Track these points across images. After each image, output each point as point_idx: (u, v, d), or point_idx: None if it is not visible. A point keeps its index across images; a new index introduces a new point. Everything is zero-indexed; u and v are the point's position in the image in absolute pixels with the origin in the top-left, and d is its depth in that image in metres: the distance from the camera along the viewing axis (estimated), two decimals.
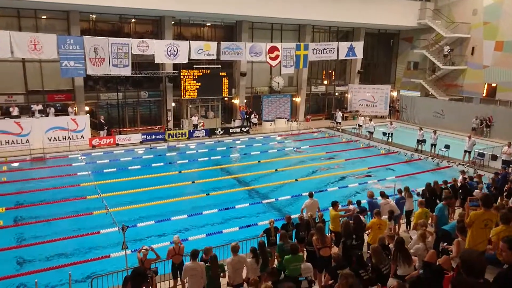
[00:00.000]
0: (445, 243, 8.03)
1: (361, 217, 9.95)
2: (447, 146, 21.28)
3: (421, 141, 22.27)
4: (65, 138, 21.72)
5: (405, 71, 36.39)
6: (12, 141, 20.81)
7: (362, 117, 27.89)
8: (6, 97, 22.63)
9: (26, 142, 20.82)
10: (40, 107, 22.96)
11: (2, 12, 21.98)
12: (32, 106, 22.90)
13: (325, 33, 33.53)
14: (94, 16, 24.79)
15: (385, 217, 10.19)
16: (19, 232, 12.59)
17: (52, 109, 23.24)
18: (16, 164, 19.43)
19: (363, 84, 34.13)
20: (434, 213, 10.23)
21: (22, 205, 14.58)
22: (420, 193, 12.53)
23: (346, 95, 34.25)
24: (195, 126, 25.98)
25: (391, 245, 7.70)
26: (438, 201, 11.42)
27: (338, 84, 34.78)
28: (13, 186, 16.42)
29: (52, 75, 22.90)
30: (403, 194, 11.85)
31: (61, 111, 23.84)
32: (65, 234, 12.27)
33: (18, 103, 22.71)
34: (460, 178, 13.77)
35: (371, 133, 25.64)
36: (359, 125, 27.14)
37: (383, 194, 11.33)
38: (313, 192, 11.60)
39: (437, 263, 5.70)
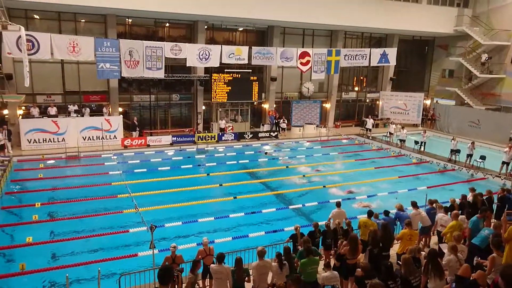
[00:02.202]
0: (479, 257, 7.73)
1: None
2: (482, 157, 20.52)
3: (454, 151, 21.57)
4: (98, 138, 22.39)
5: (439, 79, 35.41)
6: (49, 139, 21.61)
7: (394, 125, 27.33)
8: (45, 96, 23.58)
9: (62, 141, 21.54)
10: (76, 107, 23.79)
11: (44, 16, 22.98)
12: (69, 106, 23.74)
13: (358, 39, 33.12)
14: (130, 20, 25.47)
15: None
16: (52, 227, 12.99)
17: (88, 109, 24.00)
18: (52, 162, 20.17)
19: (395, 91, 33.47)
20: (467, 226, 9.85)
21: (57, 201, 15.07)
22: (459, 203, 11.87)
23: (377, 102, 33.68)
24: (222, 129, 26.17)
25: (421, 257, 7.47)
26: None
27: (370, 91, 34.28)
28: (49, 182, 17.03)
29: (89, 76, 23.72)
30: (434, 205, 11.47)
31: (96, 112, 24.58)
32: (96, 231, 12.60)
33: (56, 103, 23.58)
34: (469, 195, 12.32)
35: (403, 141, 25.07)
36: (390, 133, 26.60)
37: (414, 205, 11.01)
38: (340, 201, 11.42)
39: (471, 278, 5.48)
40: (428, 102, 34.00)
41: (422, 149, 23.85)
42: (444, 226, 10.04)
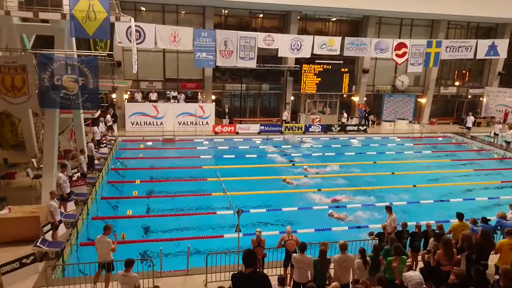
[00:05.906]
0: None
1: None
2: None
3: None
4: (192, 123, 23.75)
5: None
6: (149, 122, 23.49)
7: (500, 125, 24.79)
8: (148, 83, 25.59)
9: (160, 124, 23.27)
10: (174, 93, 25.45)
11: (150, 8, 24.82)
12: (168, 92, 25.49)
13: (462, 30, 30.43)
14: (226, 11, 26.39)
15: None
16: (148, 203, 14.16)
17: (184, 96, 25.54)
18: (150, 143, 21.92)
19: (503, 87, 30.25)
20: None
21: (154, 179, 16.36)
22: None
23: (481, 98, 30.82)
24: (285, 121, 26.02)
25: None
26: None
27: (472, 86, 31.46)
28: (147, 162, 18.57)
29: (186, 65, 25.18)
30: None
31: (191, 98, 26.05)
32: (186, 211, 13.47)
33: (156, 89, 25.50)
34: (509, 212, 10.66)
35: (509, 143, 22.68)
36: (495, 134, 24.18)
37: None
38: (391, 206, 10.68)
39: None
40: None
41: None
42: None
